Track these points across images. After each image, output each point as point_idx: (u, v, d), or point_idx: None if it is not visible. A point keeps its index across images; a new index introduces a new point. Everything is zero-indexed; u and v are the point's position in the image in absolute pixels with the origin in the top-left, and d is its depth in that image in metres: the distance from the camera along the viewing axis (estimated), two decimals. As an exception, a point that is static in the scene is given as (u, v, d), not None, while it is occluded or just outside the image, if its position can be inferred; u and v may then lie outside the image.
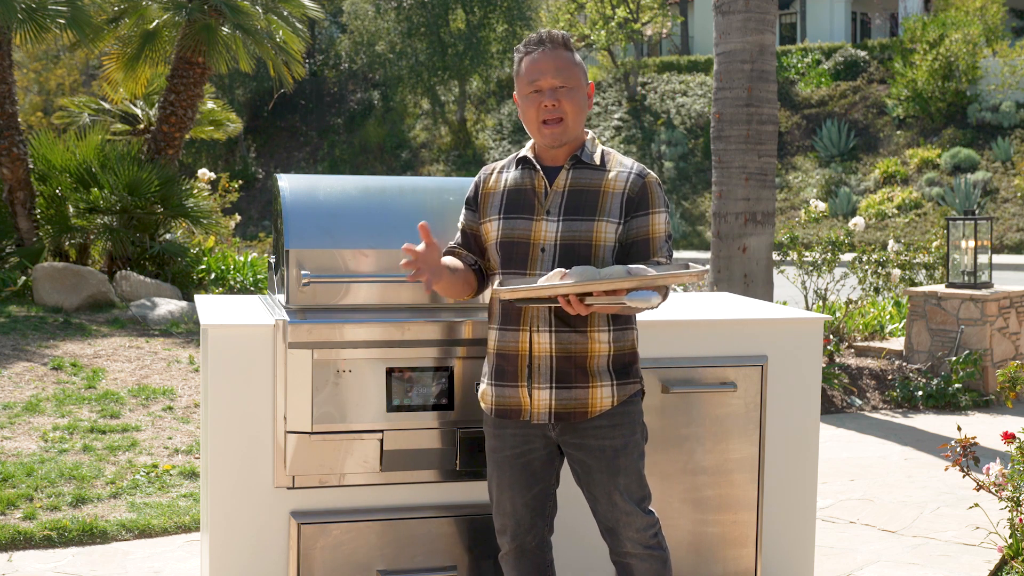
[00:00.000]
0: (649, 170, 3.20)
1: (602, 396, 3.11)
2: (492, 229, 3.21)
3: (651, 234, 3.12)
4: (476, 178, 3.35)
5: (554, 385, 3.11)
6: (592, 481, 3.16)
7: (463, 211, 3.36)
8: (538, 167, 3.18)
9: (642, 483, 3.17)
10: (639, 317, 3.62)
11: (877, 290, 10.18)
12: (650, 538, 3.14)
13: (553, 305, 3.03)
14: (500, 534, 3.30)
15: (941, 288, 8.59)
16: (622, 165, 3.18)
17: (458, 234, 3.37)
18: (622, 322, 3.16)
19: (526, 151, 3.25)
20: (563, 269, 2.97)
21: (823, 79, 29.00)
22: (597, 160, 3.17)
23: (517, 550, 3.28)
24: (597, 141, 3.25)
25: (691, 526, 3.89)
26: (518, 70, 3.19)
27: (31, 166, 11.09)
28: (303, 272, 3.52)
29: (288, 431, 3.51)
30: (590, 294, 2.90)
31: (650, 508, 3.18)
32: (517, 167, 3.23)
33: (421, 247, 3.04)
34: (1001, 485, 4.21)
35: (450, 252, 3.35)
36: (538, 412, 3.13)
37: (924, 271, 10.25)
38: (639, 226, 3.12)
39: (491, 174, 3.30)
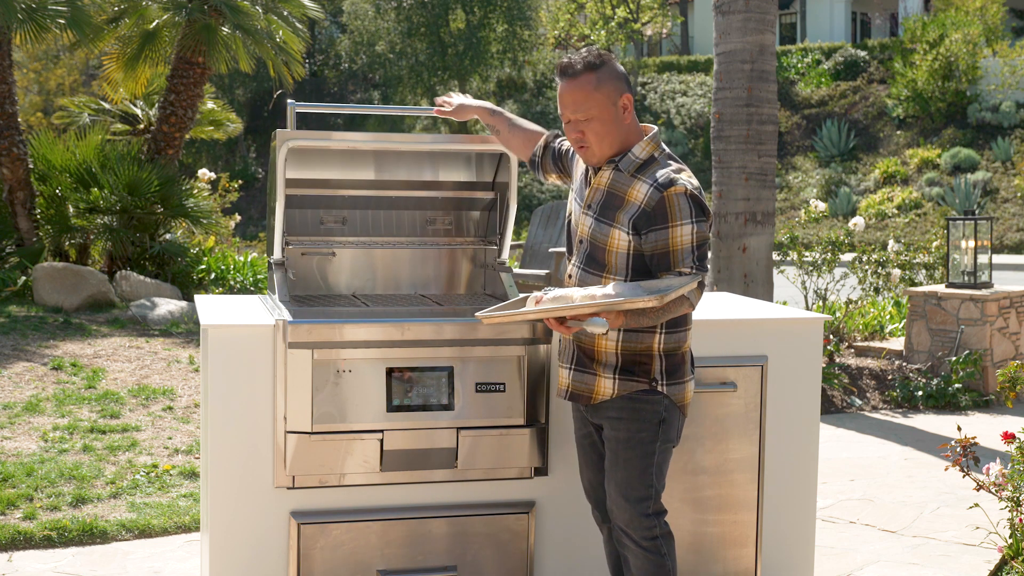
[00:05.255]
0: (678, 180, 3.15)
1: (603, 386, 3.27)
2: (569, 202, 3.41)
3: (671, 247, 3.14)
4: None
5: (572, 367, 3.34)
6: (605, 464, 3.35)
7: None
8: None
9: (645, 482, 3.24)
10: None
11: (877, 290, 10.17)
12: (643, 539, 3.23)
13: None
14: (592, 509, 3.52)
15: (941, 288, 8.58)
16: (652, 176, 3.17)
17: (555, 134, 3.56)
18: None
19: None
20: (539, 294, 3.13)
21: (823, 79, 28.99)
22: (633, 169, 3.20)
23: (602, 525, 3.48)
24: (649, 146, 3.23)
25: (691, 526, 3.89)
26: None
27: (31, 166, 11.08)
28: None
29: (288, 431, 3.51)
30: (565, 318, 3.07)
31: (651, 512, 3.23)
32: None
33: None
34: (1001, 485, 4.21)
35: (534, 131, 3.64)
36: (560, 388, 3.37)
37: (924, 271, 10.24)
38: (658, 239, 3.15)
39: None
